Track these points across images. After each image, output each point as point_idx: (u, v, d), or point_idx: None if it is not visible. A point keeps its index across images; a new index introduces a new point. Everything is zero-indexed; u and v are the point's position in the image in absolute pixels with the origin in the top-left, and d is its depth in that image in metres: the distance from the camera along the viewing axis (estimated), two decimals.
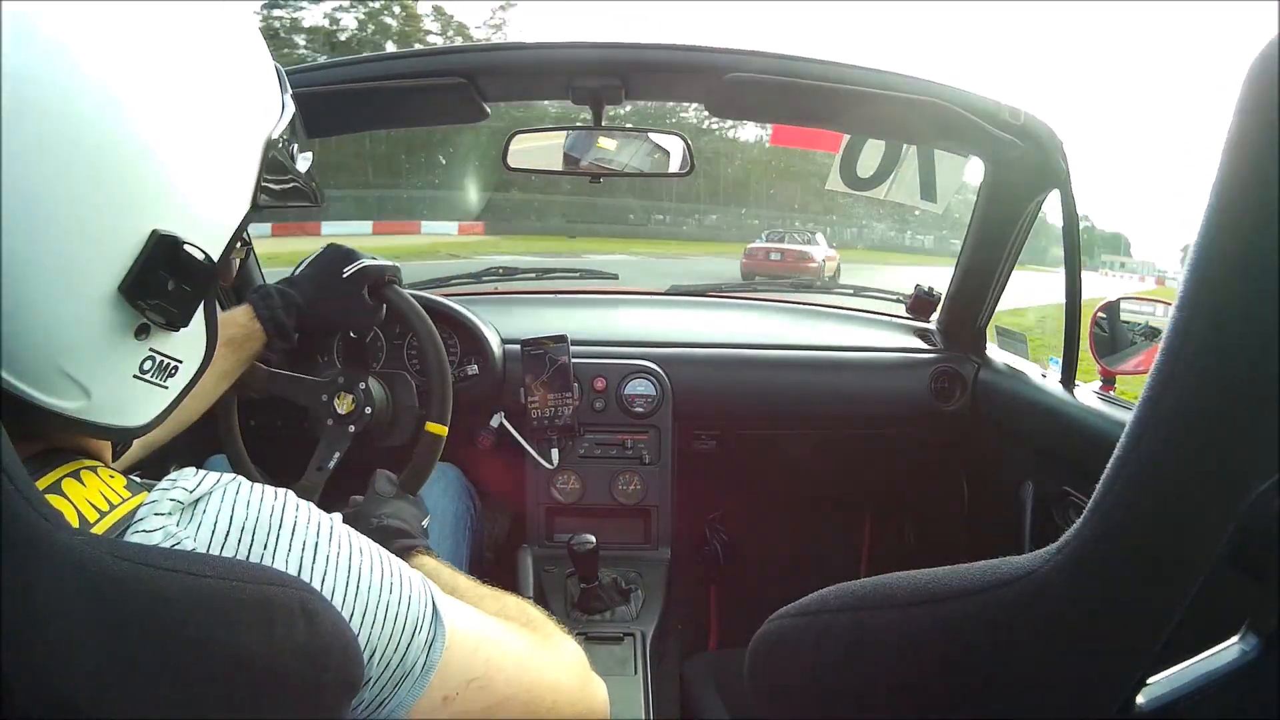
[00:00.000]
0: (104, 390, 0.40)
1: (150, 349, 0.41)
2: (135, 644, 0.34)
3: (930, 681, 0.39)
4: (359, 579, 0.42)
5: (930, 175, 1.24)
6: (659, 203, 19.30)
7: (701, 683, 1.00)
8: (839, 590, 0.43)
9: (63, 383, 0.38)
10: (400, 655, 0.42)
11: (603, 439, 1.24)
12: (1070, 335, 1.07)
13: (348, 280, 0.88)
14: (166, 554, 0.36)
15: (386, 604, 0.42)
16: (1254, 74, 0.29)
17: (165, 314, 0.40)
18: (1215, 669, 0.36)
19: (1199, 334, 0.30)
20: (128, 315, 0.39)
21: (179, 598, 0.34)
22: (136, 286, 0.38)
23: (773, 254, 11.40)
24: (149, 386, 0.42)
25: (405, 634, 0.42)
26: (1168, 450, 0.31)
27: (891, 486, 1.54)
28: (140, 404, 0.43)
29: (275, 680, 0.36)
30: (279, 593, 0.37)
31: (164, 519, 0.38)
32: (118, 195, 0.37)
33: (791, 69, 0.97)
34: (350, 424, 0.95)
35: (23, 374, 0.37)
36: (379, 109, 1.05)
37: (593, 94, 1.01)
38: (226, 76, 0.43)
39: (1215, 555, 0.32)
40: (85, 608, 0.33)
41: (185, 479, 0.40)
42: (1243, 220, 0.29)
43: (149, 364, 0.42)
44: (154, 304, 0.39)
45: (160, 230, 0.38)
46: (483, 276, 1.61)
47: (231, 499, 0.40)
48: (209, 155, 0.41)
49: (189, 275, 0.40)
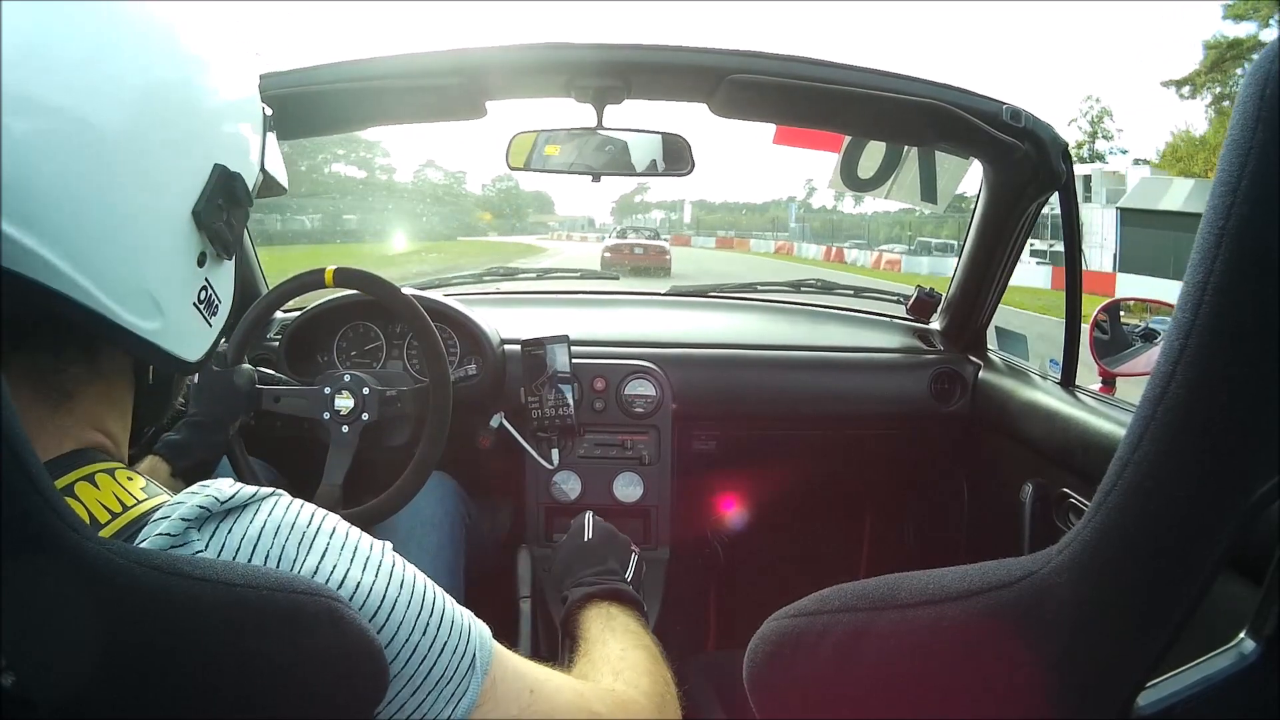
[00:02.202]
0: (173, 313, 0.43)
1: (205, 279, 0.45)
2: (163, 654, 0.34)
3: (929, 683, 0.39)
4: (391, 609, 0.42)
5: (931, 176, 1.25)
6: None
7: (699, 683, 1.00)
8: (839, 590, 0.43)
9: (145, 302, 0.41)
10: (424, 695, 0.43)
11: (602, 439, 1.23)
12: (1071, 336, 1.07)
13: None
14: (195, 563, 0.36)
15: (416, 642, 0.43)
16: (1255, 75, 0.29)
17: (222, 241, 0.45)
18: (1214, 673, 0.36)
19: (1199, 335, 0.30)
20: (195, 241, 0.44)
21: (209, 608, 0.34)
22: (204, 212, 0.43)
23: (636, 249, 13.74)
24: (200, 320, 0.46)
25: (434, 673, 0.43)
26: (1168, 452, 0.31)
27: (891, 487, 1.54)
28: (194, 336, 0.46)
29: (302, 688, 0.37)
30: (308, 601, 0.37)
31: (186, 524, 0.38)
32: (196, 130, 0.43)
33: (793, 70, 0.97)
34: (351, 424, 0.95)
35: (113, 291, 0.39)
36: (382, 107, 1.06)
37: (594, 94, 1.01)
38: (238, 50, 0.49)
39: (1216, 558, 0.32)
40: (111, 617, 0.33)
41: (220, 487, 0.41)
42: (1243, 221, 0.29)
43: (203, 294, 0.45)
44: (215, 230, 0.44)
45: (220, 163, 0.44)
46: (483, 277, 1.62)
47: (266, 514, 0.41)
48: (245, 109, 0.48)
49: (238, 206, 0.46)
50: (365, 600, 0.41)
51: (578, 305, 1.59)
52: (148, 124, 0.40)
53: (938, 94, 0.98)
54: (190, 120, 0.43)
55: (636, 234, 15.74)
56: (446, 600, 0.46)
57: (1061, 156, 1.01)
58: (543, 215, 42.77)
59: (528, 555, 1.16)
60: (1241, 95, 0.29)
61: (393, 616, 0.42)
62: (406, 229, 26.33)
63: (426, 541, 1.02)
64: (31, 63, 0.36)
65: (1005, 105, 0.99)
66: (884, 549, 1.56)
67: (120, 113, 0.39)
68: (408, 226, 26.92)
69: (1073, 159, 1.03)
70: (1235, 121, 0.29)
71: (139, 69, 0.40)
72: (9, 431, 0.30)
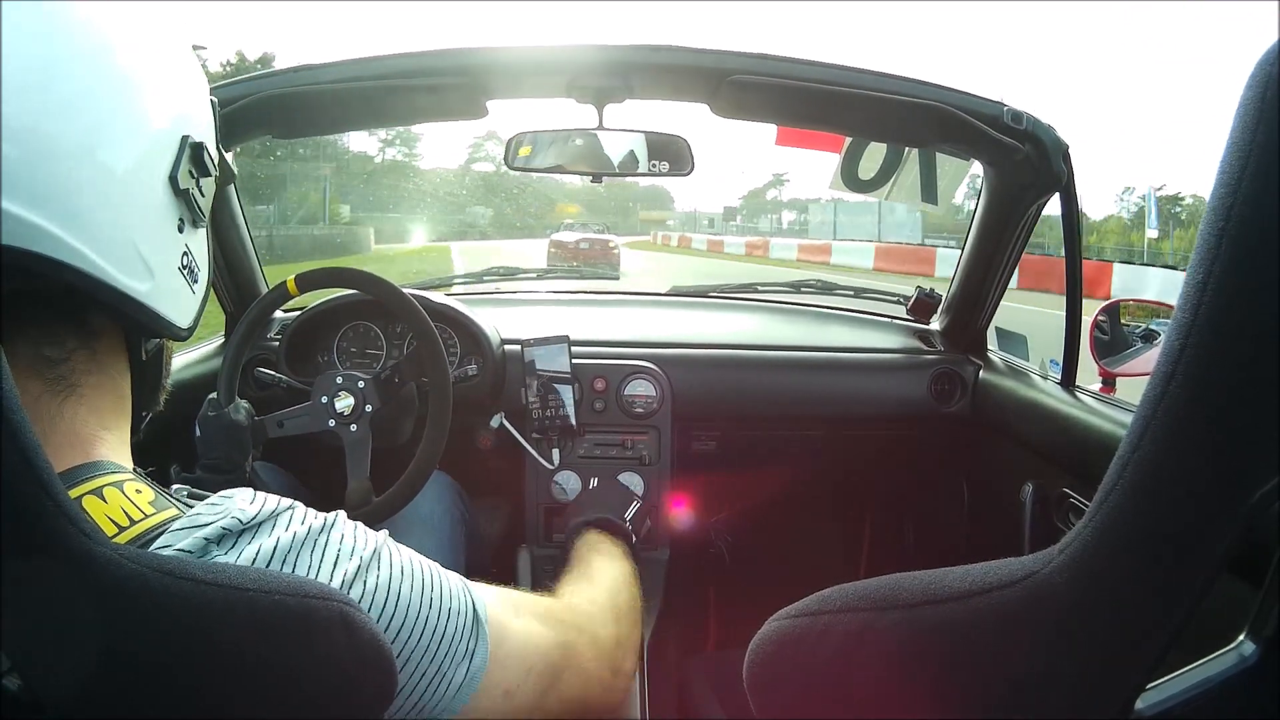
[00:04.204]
0: (162, 276, 0.44)
1: (185, 244, 0.47)
2: (173, 658, 0.34)
3: (930, 683, 0.39)
4: (398, 596, 0.44)
5: (931, 177, 1.25)
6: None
7: (699, 683, 1.00)
8: (839, 590, 0.43)
9: (136, 263, 0.42)
10: (437, 664, 0.45)
11: (603, 439, 1.24)
12: (1071, 337, 1.07)
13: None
14: (207, 568, 0.36)
15: (425, 619, 0.45)
16: (1256, 75, 0.29)
17: (196, 208, 0.47)
18: (1214, 674, 0.36)
19: (1199, 335, 0.30)
20: (173, 206, 0.45)
21: (220, 612, 0.34)
22: (178, 179, 0.45)
23: (581, 243, 13.12)
24: (185, 284, 0.47)
25: (443, 646, 0.45)
26: (1169, 452, 0.31)
27: (892, 488, 1.54)
28: (183, 301, 0.47)
29: (315, 691, 0.37)
30: (320, 605, 0.37)
31: (208, 543, 0.39)
32: (166, 97, 0.45)
33: (794, 71, 0.97)
34: (357, 421, 0.95)
35: (107, 254, 0.40)
36: (383, 107, 1.06)
37: (595, 94, 1.01)
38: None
39: (1216, 559, 0.32)
40: (121, 621, 0.33)
41: (242, 506, 0.41)
42: (1243, 221, 0.29)
43: (185, 259, 0.47)
44: (188, 197, 0.46)
45: (188, 135, 0.46)
46: (483, 277, 1.62)
47: (284, 527, 0.42)
48: (201, 86, 0.50)
49: (206, 176, 0.48)
50: (373, 598, 0.43)
51: (578, 305, 1.59)
52: (130, 87, 0.42)
53: (939, 96, 0.98)
54: (162, 88, 0.45)
55: (584, 229, 15.00)
56: (440, 575, 0.49)
57: (1063, 158, 1.01)
58: (655, 211, 35.91)
59: (528, 555, 1.16)
60: (1243, 96, 0.29)
61: (400, 606, 0.44)
62: (491, 225, 25.31)
63: (426, 541, 1.02)
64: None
65: (1006, 107, 0.99)
66: (884, 549, 1.56)
67: (102, 76, 0.40)
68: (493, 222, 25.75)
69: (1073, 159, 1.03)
70: (1236, 122, 0.29)
71: (114, 37, 0.42)
72: (20, 435, 0.30)
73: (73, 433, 0.42)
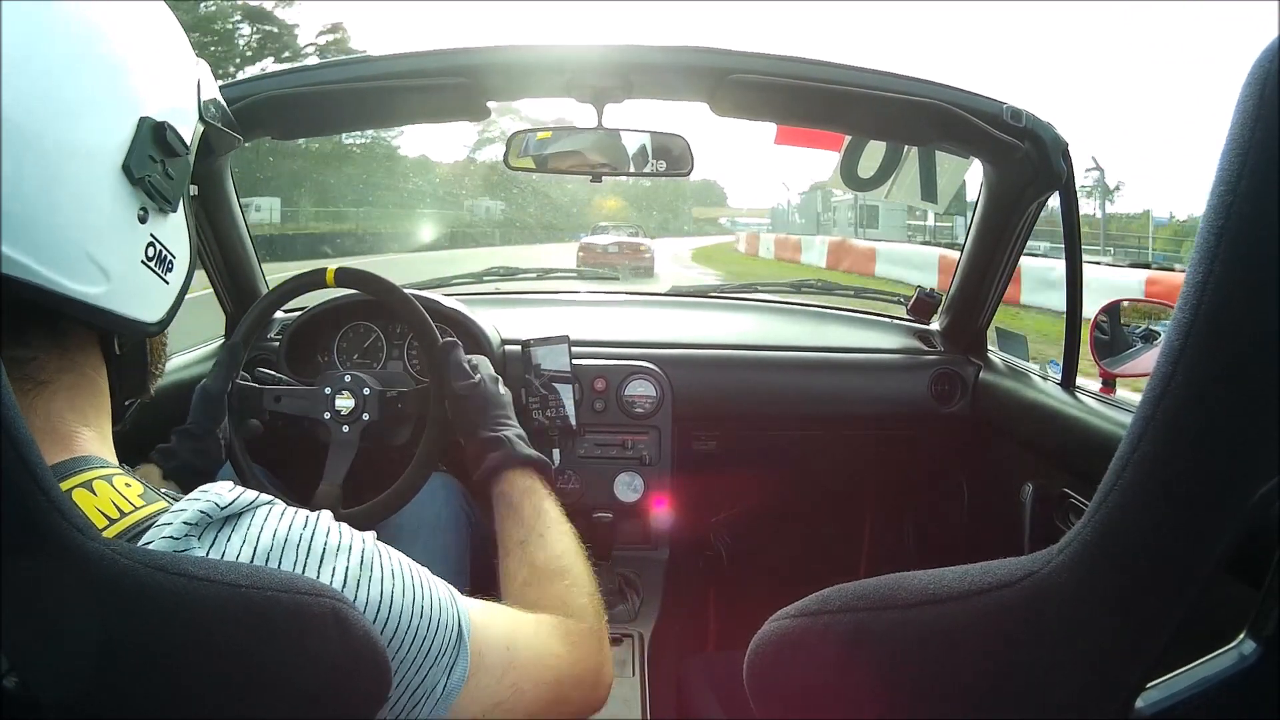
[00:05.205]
0: (120, 275, 0.42)
1: (151, 234, 0.45)
2: (168, 655, 0.34)
3: (930, 683, 0.39)
4: (389, 602, 0.43)
5: (931, 175, 1.25)
6: None
7: (699, 684, 1.00)
8: (839, 591, 0.43)
9: (87, 267, 0.40)
10: (422, 676, 0.44)
11: (603, 439, 1.24)
12: (1071, 336, 1.07)
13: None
14: (200, 563, 0.36)
15: (414, 627, 0.44)
16: (1255, 74, 0.29)
17: (160, 194, 0.44)
18: (1214, 673, 0.36)
19: (1199, 334, 0.30)
20: (130, 197, 0.43)
21: (214, 608, 0.34)
22: (135, 166, 0.42)
23: (610, 247, 12.38)
24: (154, 278, 0.45)
25: (429, 657, 0.44)
26: (1168, 452, 0.31)
27: (891, 488, 1.54)
28: (149, 295, 0.45)
29: (308, 689, 0.37)
30: (313, 602, 0.37)
31: (188, 528, 0.38)
32: (110, 82, 0.42)
33: (794, 70, 0.97)
34: (351, 424, 0.95)
35: (52, 260, 0.39)
36: (383, 107, 1.06)
37: (595, 93, 1.01)
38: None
39: (1216, 558, 0.32)
40: (115, 618, 0.33)
41: (219, 492, 0.41)
42: (1243, 220, 0.29)
43: (152, 251, 0.45)
44: (150, 184, 0.43)
45: (146, 116, 0.43)
46: (484, 276, 1.62)
47: (261, 522, 0.41)
48: (168, 59, 0.47)
49: (175, 156, 0.45)
50: (366, 598, 0.42)
51: (578, 305, 1.59)
52: (56, 84, 0.39)
53: (938, 94, 0.98)
54: (103, 73, 0.42)
55: (618, 231, 14.14)
56: (429, 582, 0.47)
57: (1062, 156, 1.01)
58: (707, 208, 30.99)
59: None
60: (1241, 94, 0.29)
61: (392, 608, 0.43)
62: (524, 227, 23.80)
63: (433, 543, 1.02)
64: None
65: (1006, 105, 0.99)
66: (884, 549, 1.56)
67: (27, 79, 0.37)
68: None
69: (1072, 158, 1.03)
70: (1235, 120, 0.29)
71: (39, 33, 0.39)
72: (14, 432, 0.30)
73: (50, 429, 0.41)
